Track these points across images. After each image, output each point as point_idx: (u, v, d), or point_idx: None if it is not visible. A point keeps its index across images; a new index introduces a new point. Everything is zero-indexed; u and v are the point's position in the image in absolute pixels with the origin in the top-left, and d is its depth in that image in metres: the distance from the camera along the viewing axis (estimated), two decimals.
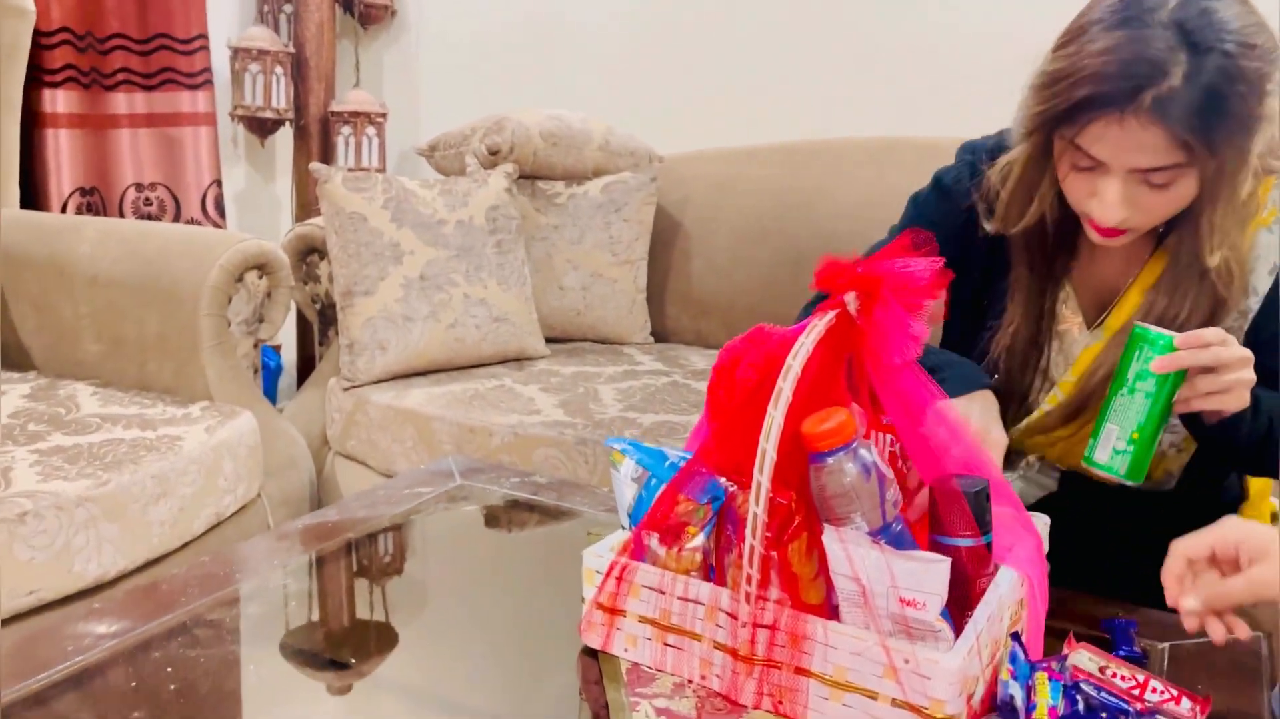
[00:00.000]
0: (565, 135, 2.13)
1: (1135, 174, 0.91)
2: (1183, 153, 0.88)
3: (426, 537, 1.16)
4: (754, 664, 0.79)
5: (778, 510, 0.79)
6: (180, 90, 2.34)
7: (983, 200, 1.08)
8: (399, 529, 1.15)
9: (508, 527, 1.22)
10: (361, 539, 1.11)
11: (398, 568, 1.10)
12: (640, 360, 2.02)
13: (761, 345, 0.87)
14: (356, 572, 1.07)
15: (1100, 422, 0.95)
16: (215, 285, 1.66)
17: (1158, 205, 0.93)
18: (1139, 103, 0.86)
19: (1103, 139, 0.90)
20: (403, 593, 1.05)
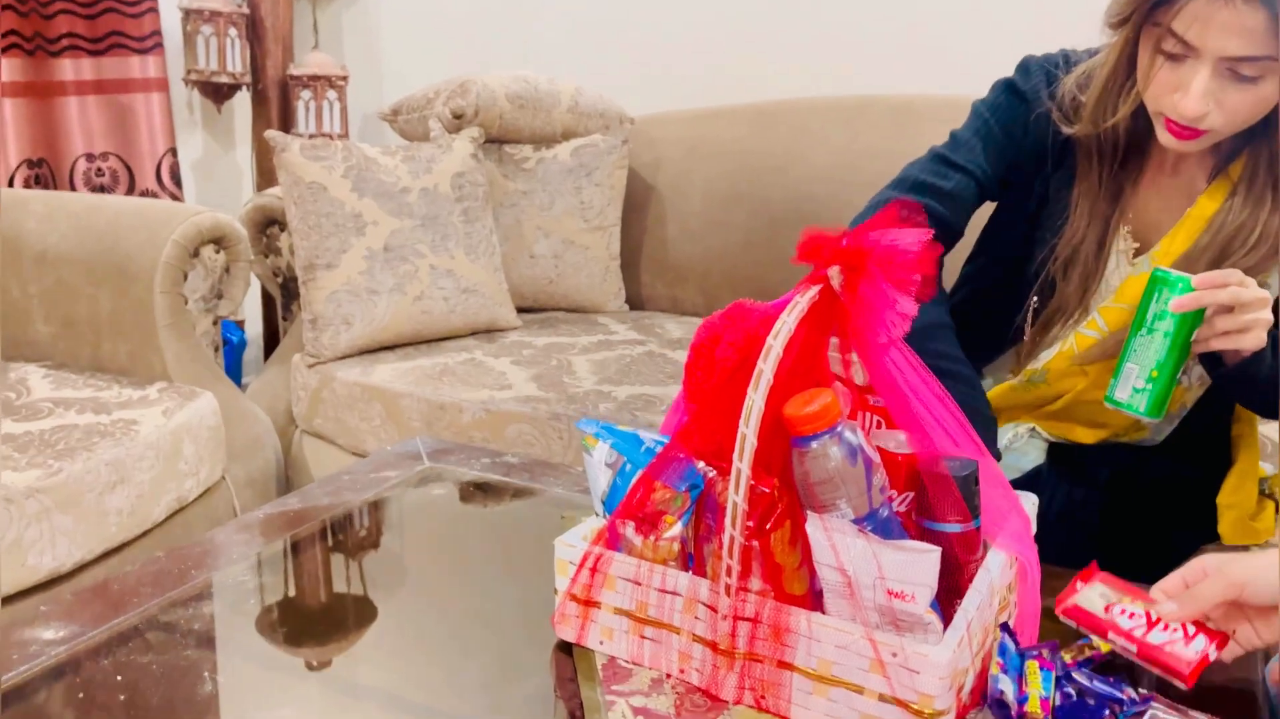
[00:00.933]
0: (532, 97, 2.06)
1: (1224, 64, 0.90)
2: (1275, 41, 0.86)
3: (393, 525, 1.12)
4: (735, 658, 0.75)
5: (759, 499, 0.75)
6: (129, 55, 2.25)
7: (1058, 108, 1.05)
8: (364, 517, 1.10)
9: (478, 512, 1.18)
10: (324, 529, 1.06)
11: (363, 560, 1.06)
12: (615, 330, 1.98)
13: (741, 323, 0.83)
14: (320, 565, 1.02)
15: (1121, 361, 0.96)
16: (169, 261, 1.60)
17: (1240, 104, 0.92)
18: None
19: (1200, 18, 0.88)
20: (369, 587, 1.01)
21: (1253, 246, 0.98)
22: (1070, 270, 1.07)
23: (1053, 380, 1.11)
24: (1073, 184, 1.07)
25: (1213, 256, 0.99)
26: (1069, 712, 0.72)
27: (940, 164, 1.11)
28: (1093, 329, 1.08)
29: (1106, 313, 1.07)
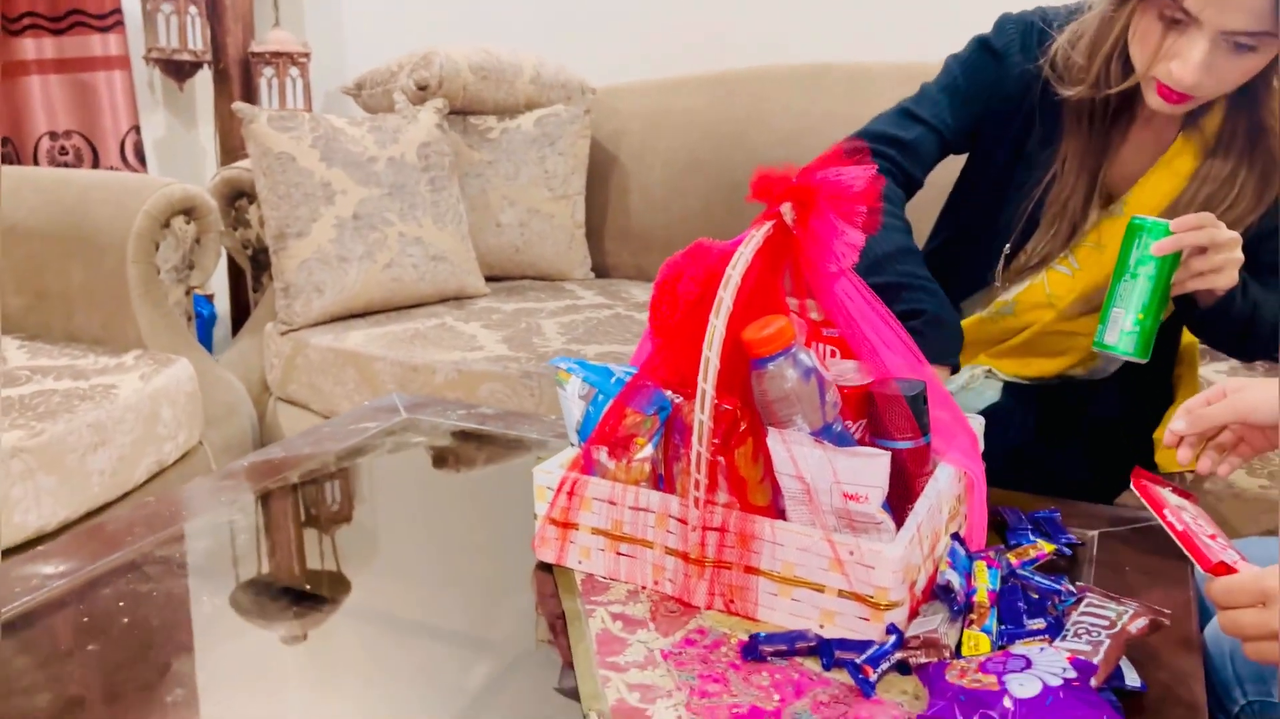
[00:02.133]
0: (495, 68, 2.10)
1: (1224, 36, 0.92)
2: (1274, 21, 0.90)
3: (374, 470, 1.16)
4: (705, 566, 0.81)
5: (723, 417, 0.80)
6: (90, 33, 2.25)
7: (1051, 67, 1.08)
8: (346, 464, 1.15)
9: (456, 456, 1.22)
10: (308, 475, 1.11)
11: (347, 501, 1.10)
12: (581, 295, 2.02)
13: (702, 260, 0.88)
14: (306, 507, 1.07)
15: (1107, 308, 1.01)
16: (141, 232, 1.62)
17: (1231, 71, 0.96)
18: None
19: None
20: (354, 526, 1.05)
21: (1233, 203, 1.04)
22: (1059, 222, 1.11)
23: (1020, 312, 1.17)
24: (1054, 141, 1.10)
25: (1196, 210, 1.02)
26: (1012, 602, 0.78)
27: (904, 117, 1.15)
28: (1064, 265, 1.14)
29: (1079, 253, 1.13)
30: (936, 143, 1.16)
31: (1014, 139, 1.14)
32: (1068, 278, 1.14)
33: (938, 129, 1.14)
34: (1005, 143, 1.15)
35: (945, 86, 1.16)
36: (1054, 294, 1.15)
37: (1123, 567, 0.89)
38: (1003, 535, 0.94)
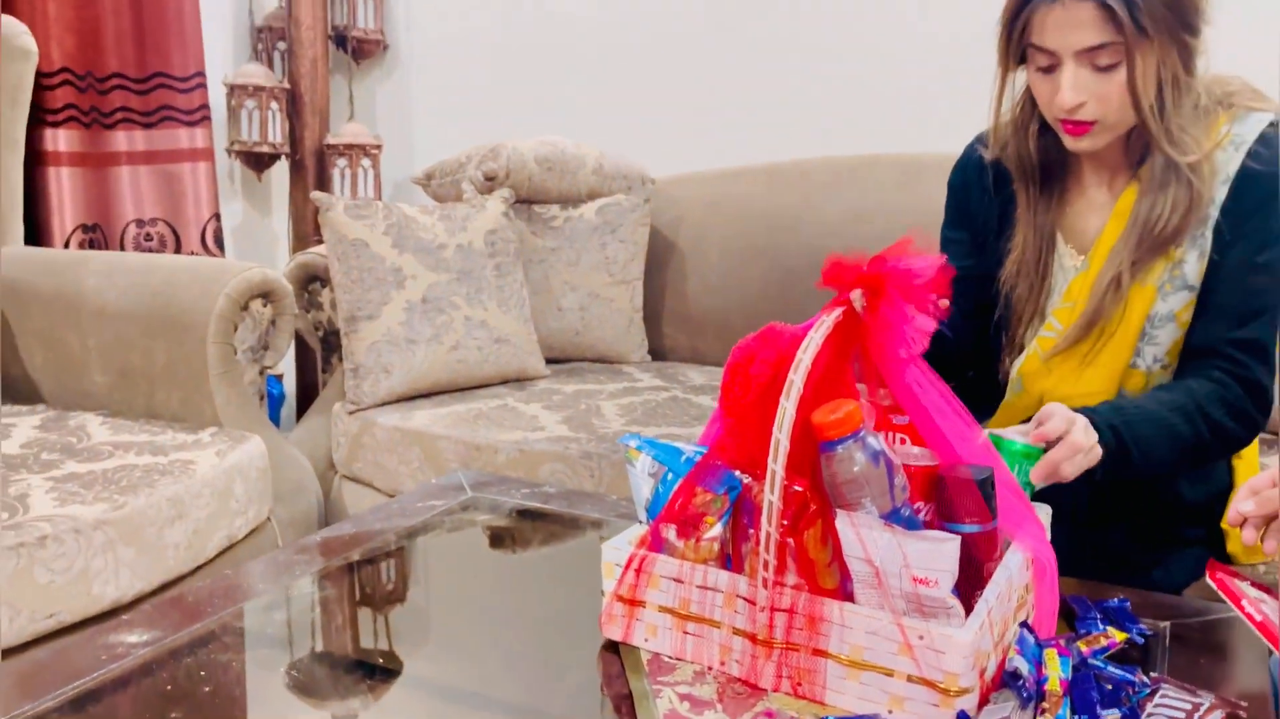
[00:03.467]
0: (559, 160, 2.18)
1: (1082, 58, 1.05)
2: (1114, 29, 1.02)
3: (443, 545, 1.19)
4: (773, 647, 0.81)
5: (792, 498, 0.82)
6: (178, 127, 2.38)
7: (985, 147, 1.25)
8: (414, 540, 1.17)
9: (522, 533, 1.24)
10: (378, 550, 1.13)
11: (415, 577, 1.12)
12: (639, 378, 2.05)
13: (773, 343, 0.90)
14: (375, 582, 1.09)
15: None
16: (222, 313, 1.69)
17: (1109, 91, 1.06)
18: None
19: (1045, 25, 1.05)
20: (421, 601, 1.07)
21: (1165, 221, 1.10)
22: (1020, 281, 1.20)
23: (1027, 385, 1.21)
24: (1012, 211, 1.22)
25: (1137, 237, 1.12)
26: (1085, 691, 0.77)
27: None
28: (1050, 330, 1.19)
29: (1059, 314, 1.18)
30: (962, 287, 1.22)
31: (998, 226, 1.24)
32: (1053, 340, 1.18)
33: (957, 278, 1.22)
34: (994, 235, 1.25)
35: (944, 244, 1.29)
36: (1047, 356, 1.19)
37: (1197, 658, 0.88)
38: (1071, 624, 0.93)
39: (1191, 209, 1.10)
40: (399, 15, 2.81)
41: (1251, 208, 1.10)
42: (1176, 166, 1.09)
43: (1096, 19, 1.02)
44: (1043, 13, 1.05)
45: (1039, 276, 1.19)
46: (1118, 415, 1.06)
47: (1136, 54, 1.04)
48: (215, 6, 2.59)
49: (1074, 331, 1.15)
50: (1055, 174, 1.20)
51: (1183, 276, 1.12)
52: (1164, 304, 1.13)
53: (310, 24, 2.61)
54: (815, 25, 2.36)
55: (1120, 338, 1.14)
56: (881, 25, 2.29)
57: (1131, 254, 1.12)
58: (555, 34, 2.63)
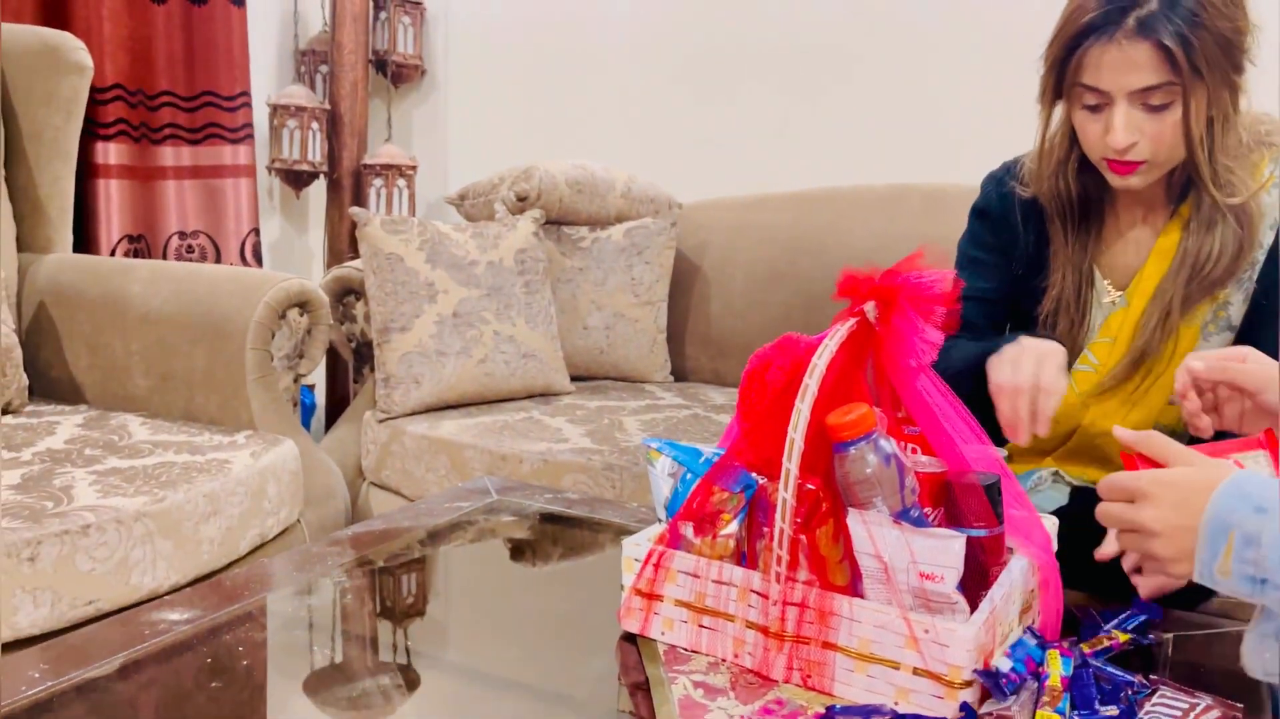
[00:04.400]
0: (589, 183, 2.24)
1: (1135, 98, 1.05)
2: (1170, 69, 1.03)
3: (468, 543, 1.23)
4: (784, 640, 0.85)
5: (806, 496, 0.85)
6: (223, 144, 2.47)
7: (1019, 181, 1.24)
8: (442, 537, 1.22)
9: (545, 534, 1.28)
10: (407, 546, 1.18)
11: (442, 572, 1.16)
12: (661, 396, 2.10)
13: (789, 351, 0.95)
14: (404, 572, 1.13)
15: None
16: (261, 321, 1.75)
17: (1160, 131, 1.06)
18: (1124, 25, 1.02)
19: (1100, 65, 1.05)
20: (448, 593, 1.11)
21: (1215, 262, 1.11)
22: (1058, 319, 1.20)
23: (1061, 419, 1.21)
24: (1048, 247, 1.23)
25: (1186, 276, 1.12)
26: (1085, 688, 0.80)
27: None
28: (1086, 364, 1.20)
29: (1096, 348, 1.20)
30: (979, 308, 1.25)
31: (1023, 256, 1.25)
32: (1091, 374, 1.20)
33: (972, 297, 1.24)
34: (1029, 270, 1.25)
35: (961, 264, 1.29)
36: (1082, 392, 1.20)
37: (1197, 666, 0.91)
38: (1077, 633, 0.96)
39: (1242, 252, 1.11)
40: (438, 42, 2.90)
41: None
42: (1221, 208, 1.10)
43: (1153, 60, 1.02)
44: (1097, 53, 1.05)
45: (1079, 313, 1.20)
46: None
47: (1191, 95, 1.04)
48: (262, 30, 2.68)
49: (1121, 369, 1.17)
50: (1093, 211, 1.21)
51: (1227, 318, 1.14)
52: (1206, 344, 1.14)
53: (352, 49, 2.70)
54: (844, 58, 2.41)
55: (1166, 378, 1.15)
56: (910, 57, 2.35)
57: (1182, 291, 1.13)
58: (587, 61, 2.71)
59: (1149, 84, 1.04)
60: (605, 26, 2.68)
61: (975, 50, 2.26)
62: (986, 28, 2.24)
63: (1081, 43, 1.06)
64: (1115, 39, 1.03)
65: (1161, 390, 1.16)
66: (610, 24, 2.67)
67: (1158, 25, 1.02)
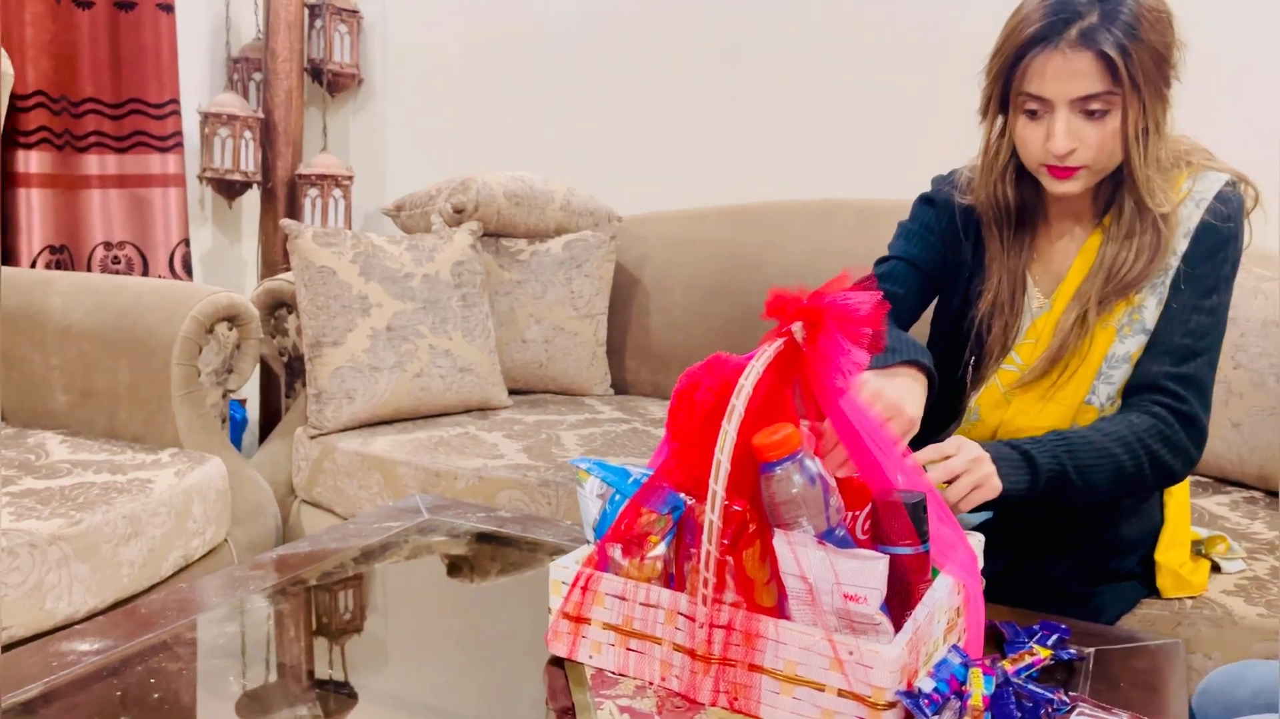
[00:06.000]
0: (528, 195, 2.22)
1: (1076, 105, 1.10)
2: (1110, 79, 1.08)
3: (397, 565, 1.21)
4: (711, 663, 0.84)
5: (732, 517, 0.85)
6: (151, 152, 2.41)
7: (958, 189, 1.29)
8: (368, 560, 1.19)
9: (476, 555, 1.26)
10: (332, 569, 1.15)
11: (368, 595, 1.14)
12: (601, 410, 2.09)
13: (718, 371, 0.94)
14: (327, 599, 1.11)
15: None
16: (188, 335, 1.71)
17: (1098, 138, 1.11)
18: (1067, 35, 1.08)
19: (1044, 74, 1.10)
20: (373, 618, 1.09)
21: (1130, 267, 1.17)
22: (994, 322, 1.24)
23: (984, 415, 1.25)
24: (984, 255, 1.27)
25: (1103, 278, 1.18)
26: (1005, 707, 0.81)
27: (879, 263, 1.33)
28: (1011, 364, 1.24)
29: (1020, 349, 1.24)
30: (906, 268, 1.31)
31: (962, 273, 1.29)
32: (1013, 373, 1.24)
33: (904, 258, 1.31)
34: (957, 279, 1.30)
35: (900, 234, 1.34)
36: (1005, 390, 1.24)
37: (1117, 681, 0.92)
38: (1001, 649, 0.97)
39: (1155, 256, 1.16)
40: (375, 51, 2.87)
41: (1203, 255, 1.17)
42: (1144, 215, 1.16)
43: (1094, 69, 1.08)
44: (1042, 62, 1.09)
45: (1013, 315, 1.24)
46: (1063, 444, 1.11)
47: (1129, 104, 1.09)
48: (193, 36, 2.63)
49: (1040, 365, 1.21)
50: (1027, 220, 1.25)
51: (1141, 321, 1.18)
52: (1121, 346, 1.19)
53: (286, 56, 2.65)
54: (781, 76, 2.43)
55: (1080, 375, 1.20)
56: (844, 76, 2.37)
57: (1098, 294, 1.18)
58: (527, 73, 2.70)
59: (1090, 92, 1.09)
60: (545, 38, 2.67)
61: (908, 69, 2.30)
62: (920, 47, 2.28)
63: (1027, 52, 1.11)
64: (1059, 48, 1.08)
65: (1077, 388, 1.20)
66: (550, 36, 2.66)
67: (1099, 36, 1.06)
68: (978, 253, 1.28)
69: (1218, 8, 1.95)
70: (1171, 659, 0.98)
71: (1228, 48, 1.94)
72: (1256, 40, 1.98)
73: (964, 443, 1.06)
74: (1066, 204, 1.23)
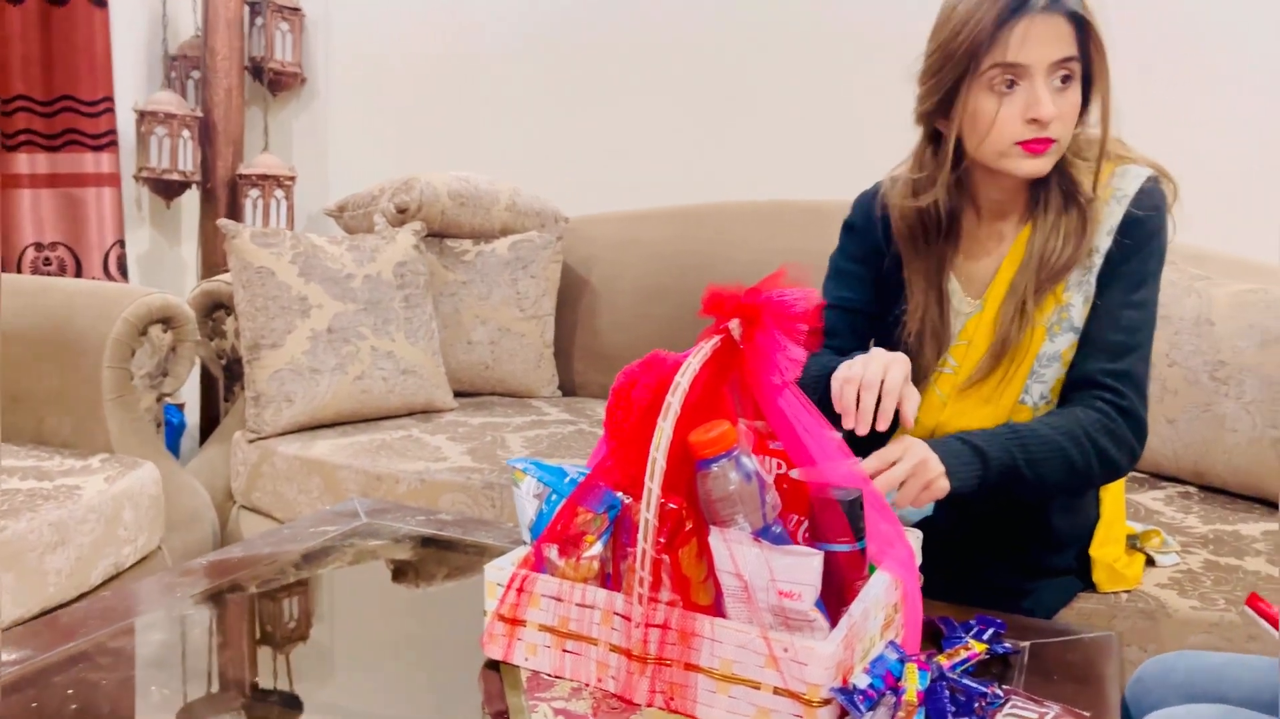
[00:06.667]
0: (473, 195, 2.20)
1: (1050, 71, 1.11)
2: (1077, 44, 1.11)
3: (331, 572, 1.18)
4: (647, 663, 0.83)
5: (668, 515, 0.84)
6: (84, 151, 2.35)
7: (880, 207, 1.29)
8: (303, 565, 1.17)
9: (413, 559, 1.24)
10: (265, 575, 1.12)
11: (302, 602, 1.12)
12: (548, 412, 2.07)
13: (655, 369, 0.94)
14: (259, 606, 1.08)
15: None
16: (119, 338, 1.66)
17: (1067, 108, 1.13)
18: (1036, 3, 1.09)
19: (1024, 39, 1.10)
20: (307, 625, 1.07)
21: (1059, 253, 1.18)
22: (924, 337, 1.24)
23: (921, 418, 1.25)
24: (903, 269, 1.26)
25: (1035, 266, 1.18)
26: (939, 702, 0.81)
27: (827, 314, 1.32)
28: (946, 367, 1.24)
29: (954, 351, 1.24)
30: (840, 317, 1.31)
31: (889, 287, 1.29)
32: (951, 376, 1.24)
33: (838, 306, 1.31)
34: (887, 294, 1.30)
35: (830, 274, 1.34)
36: (943, 394, 1.24)
37: (1051, 674, 0.93)
38: (939, 645, 0.98)
39: (1082, 241, 1.18)
40: (317, 49, 2.83)
41: (1130, 251, 1.18)
42: (1070, 202, 1.18)
43: (1068, 31, 1.11)
44: (1024, 27, 1.10)
45: (941, 323, 1.24)
46: (1014, 438, 1.12)
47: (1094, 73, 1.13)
48: (128, 33, 2.57)
49: (984, 364, 1.21)
50: (951, 230, 1.25)
51: (1070, 319, 1.19)
52: (1052, 344, 1.19)
53: (226, 54, 2.60)
54: (728, 76, 2.44)
55: (1018, 375, 1.20)
56: (791, 76, 2.38)
57: (1034, 284, 1.18)
58: (473, 72, 2.67)
59: (1067, 54, 1.10)
60: (490, 37, 2.65)
61: (854, 69, 2.31)
62: (865, 47, 2.30)
63: (1004, 22, 1.10)
64: (1033, 15, 1.09)
65: (1013, 388, 1.21)
66: (496, 35, 2.64)
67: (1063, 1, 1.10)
68: (900, 265, 1.28)
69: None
70: (1105, 652, 0.99)
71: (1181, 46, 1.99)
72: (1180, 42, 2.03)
73: (910, 445, 1.06)
74: (998, 205, 1.23)
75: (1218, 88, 2.00)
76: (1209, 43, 2.00)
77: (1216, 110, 2.00)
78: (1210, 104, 2.01)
